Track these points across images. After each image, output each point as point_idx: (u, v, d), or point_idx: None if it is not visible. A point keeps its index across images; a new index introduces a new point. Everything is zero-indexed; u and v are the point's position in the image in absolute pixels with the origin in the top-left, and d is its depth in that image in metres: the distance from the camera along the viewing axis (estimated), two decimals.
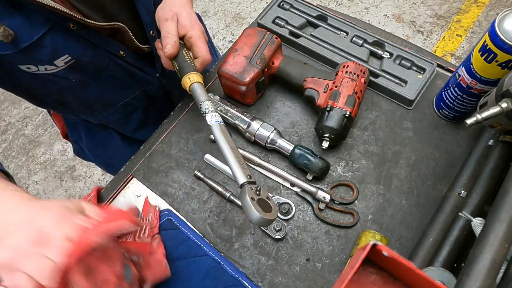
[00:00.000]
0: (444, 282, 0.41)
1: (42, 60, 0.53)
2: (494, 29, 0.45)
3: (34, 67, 0.54)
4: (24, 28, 0.49)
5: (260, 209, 0.41)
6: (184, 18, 0.58)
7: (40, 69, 0.55)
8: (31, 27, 0.49)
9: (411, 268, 0.21)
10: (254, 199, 0.42)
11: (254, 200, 0.42)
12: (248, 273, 0.54)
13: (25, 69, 0.54)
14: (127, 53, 0.63)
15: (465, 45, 1.88)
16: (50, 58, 0.54)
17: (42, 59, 0.53)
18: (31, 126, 1.99)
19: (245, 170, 0.45)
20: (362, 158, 0.61)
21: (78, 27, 0.53)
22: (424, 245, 0.49)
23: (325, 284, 0.53)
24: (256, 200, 0.42)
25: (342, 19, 0.72)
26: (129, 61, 0.65)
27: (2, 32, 0.46)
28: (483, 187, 0.48)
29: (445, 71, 0.68)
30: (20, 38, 0.49)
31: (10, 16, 0.47)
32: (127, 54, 0.63)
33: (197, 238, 0.56)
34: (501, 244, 0.34)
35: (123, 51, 0.63)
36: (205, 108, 0.51)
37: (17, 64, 0.53)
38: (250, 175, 0.45)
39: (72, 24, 0.52)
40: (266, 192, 0.46)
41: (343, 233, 0.56)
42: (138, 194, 0.61)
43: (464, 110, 0.58)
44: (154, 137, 0.66)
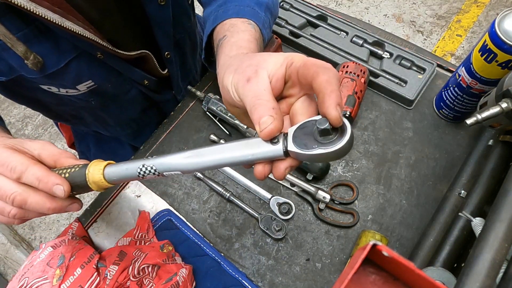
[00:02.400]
0: (444, 282, 0.41)
1: (65, 85, 0.53)
2: (494, 29, 0.45)
3: (55, 88, 0.53)
4: (52, 55, 0.48)
5: (333, 138, 0.30)
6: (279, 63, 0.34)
7: (61, 91, 0.54)
8: (59, 54, 0.48)
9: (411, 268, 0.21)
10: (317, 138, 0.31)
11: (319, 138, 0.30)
12: (248, 273, 0.54)
13: (46, 88, 0.53)
14: (150, 81, 0.63)
15: (465, 45, 1.88)
16: (73, 83, 0.53)
17: (65, 83, 0.53)
18: (31, 126, 1.99)
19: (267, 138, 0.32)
20: (362, 158, 0.61)
21: (105, 56, 0.52)
22: (424, 245, 0.49)
23: (325, 284, 0.53)
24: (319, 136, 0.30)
25: (342, 19, 0.72)
26: (150, 88, 0.65)
27: (33, 60, 0.45)
28: (483, 187, 0.48)
29: (445, 71, 0.68)
30: (48, 65, 0.48)
31: (39, 43, 0.46)
32: (150, 82, 0.63)
33: (197, 238, 0.56)
34: (501, 244, 0.34)
35: (147, 80, 0.62)
36: (149, 169, 0.36)
37: (38, 84, 0.52)
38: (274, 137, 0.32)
39: (99, 54, 0.51)
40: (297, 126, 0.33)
41: (343, 233, 0.56)
42: (138, 194, 0.61)
43: (464, 110, 0.58)
44: (154, 137, 0.66)
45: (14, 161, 0.37)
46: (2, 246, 1.60)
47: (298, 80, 0.33)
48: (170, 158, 0.35)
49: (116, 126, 0.72)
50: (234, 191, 0.60)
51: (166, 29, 0.59)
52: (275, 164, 0.33)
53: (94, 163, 0.39)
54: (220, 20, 0.48)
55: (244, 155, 0.33)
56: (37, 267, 0.47)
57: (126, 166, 0.37)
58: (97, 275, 0.48)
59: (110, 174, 0.38)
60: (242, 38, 0.44)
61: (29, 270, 0.47)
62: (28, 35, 0.44)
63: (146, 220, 0.57)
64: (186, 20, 0.65)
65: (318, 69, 0.30)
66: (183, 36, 0.67)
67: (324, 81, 0.29)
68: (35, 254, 0.50)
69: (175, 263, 0.51)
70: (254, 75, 0.33)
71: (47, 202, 0.39)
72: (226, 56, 0.41)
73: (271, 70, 0.33)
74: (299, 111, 0.33)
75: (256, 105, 0.32)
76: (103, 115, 0.66)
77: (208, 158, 0.34)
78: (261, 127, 0.31)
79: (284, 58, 0.34)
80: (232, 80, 0.35)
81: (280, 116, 0.32)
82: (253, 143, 0.33)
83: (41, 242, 1.70)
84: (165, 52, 0.62)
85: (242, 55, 0.39)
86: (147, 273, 0.50)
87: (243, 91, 0.34)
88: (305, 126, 0.32)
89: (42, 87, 0.53)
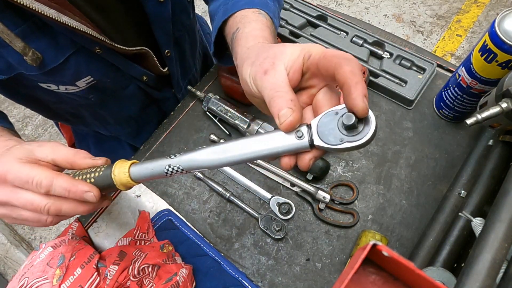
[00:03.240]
0: (444, 282, 0.41)
1: (64, 81, 0.53)
2: (494, 29, 0.45)
3: (54, 86, 0.53)
4: (51, 51, 0.48)
5: (359, 128, 0.30)
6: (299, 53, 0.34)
7: (60, 88, 0.54)
8: (57, 49, 0.48)
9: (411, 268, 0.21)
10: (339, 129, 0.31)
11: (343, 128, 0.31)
12: (248, 273, 0.54)
13: (45, 87, 0.53)
14: (149, 78, 0.63)
15: (465, 45, 1.88)
16: (72, 79, 0.53)
17: (65, 80, 0.52)
18: (31, 126, 1.99)
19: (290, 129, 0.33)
20: (362, 158, 0.61)
21: (104, 51, 0.52)
22: (424, 245, 0.49)
23: (325, 284, 0.53)
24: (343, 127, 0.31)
25: (342, 19, 0.72)
26: (150, 84, 0.65)
27: (31, 56, 0.45)
28: (483, 187, 0.48)
29: (445, 71, 0.68)
30: (46, 61, 0.48)
31: (37, 39, 0.46)
32: (149, 78, 0.63)
33: (197, 238, 0.56)
34: (501, 244, 0.34)
35: (146, 76, 0.62)
36: (175, 168, 0.36)
37: (37, 82, 0.52)
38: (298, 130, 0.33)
39: (97, 49, 0.51)
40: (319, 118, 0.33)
41: (343, 233, 0.56)
42: (138, 194, 0.61)
43: (464, 110, 0.58)
44: (154, 137, 0.66)
45: (38, 176, 0.37)
46: (2, 246, 1.60)
47: (318, 71, 0.33)
48: (196, 155, 0.35)
49: (115, 125, 0.72)
50: (234, 191, 0.60)
51: (166, 26, 0.59)
52: (301, 156, 0.33)
53: (118, 165, 0.39)
54: (230, 13, 0.48)
55: (270, 149, 0.33)
56: (37, 267, 0.47)
57: (152, 165, 0.37)
58: (97, 275, 0.48)
59: (136, 174, 0.38)
60: (255, 27, 0.44)
61: (29, 270, 0.47)
62: (26, 31, 0.44)
63: (146, 220, 0.57)
64: (185, 18, 0.65)
65: (340, 60, 0.30)
66: (183, 34, 0.67)
67: (348, 72, 0.29)
68: (35, 254, 0.50)
69: (175, 263, 0.51)
70: (271, 68, 0.34)
71: (79, 206, 0.39)
72: (243, 48, 0.41)
73: (287, 62, 0.33)
74: (322, 102, 0.33)
75: (275, 98, 0.32)
76: (102, 113, 0.66)
77: (233, 154, 0.34)
78: (280, 119, 0.32)
79: (301, 50, 0.33)
80: (250, 73, 0.36)
81: (298, 107, 0.32)
82: (278, 136, 0.33)
83: (41, 242, 1.70)
84: (165, 50, 0.62)
85: (259, 46, 0.39)
86: (147, 273, 0.50)
87: (261, 84, 0.34)
88: (328, 117, 0.32)
89: (42, 85, 0.52)
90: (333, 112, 0.32)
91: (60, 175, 0.38)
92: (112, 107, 0.65)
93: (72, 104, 0.60)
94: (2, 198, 0.38)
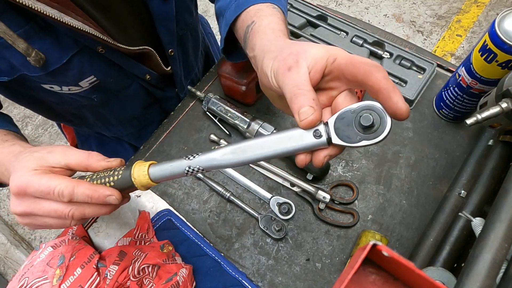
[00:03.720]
0: (444, 282, 0.41)
1: (68, 82, 0.53)
2: (494, 29, 0.45)
3: (57, 87, 0.53)
4: (54, 51, 0.47)
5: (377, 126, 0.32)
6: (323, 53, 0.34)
7: (63, 89, 0.54)
8: (60, 50, 0.48)
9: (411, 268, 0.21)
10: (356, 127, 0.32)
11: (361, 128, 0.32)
12: (248, 273, 0.54)
13: (48, 88, 0.53)
14: (152, 76, 0.63)
15: (465, 45, 1.88)
16: (75, 80, 0.53)
17: (68, 80, 0.52)
18: (31, 126, 1.99)
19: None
20: (362, 158, 0.61)
21: (106, 51, 0.52)
22: (424, 245, 0.49)
23: (325, 284, 0.53)
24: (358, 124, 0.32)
25: (342, 19, 0.72)
26: (152, 83, 0.65)
27: (34, 56, 0.45)
28: (483, 187, 0.48)
29: (445, 71, 0.68)
30: (49, 61, 0.48)
31: (40, 39, 0.46)
32: (152, 77, 0.63)
33: (197, 238, 0.56)
34: (501, 244, 0.34)
35: (148, 75, 0.62)
36: (196, 168, 0.37)
37: (40, 83, 0.52)
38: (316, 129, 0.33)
39: (101, 48, 0.51)
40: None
41: (343, 233, 0.56)
42: (138, 194, 0.61)
43: (464, 110, 0.58)
44: (154, 137, 0.66)
45: (58, 186, 0.37)
46: (2, 246, 1.60)
47: (342, 75, 0.33)
48: (215, 154, 0.36)
49: (118, 125, 0.72)
50: (234, 191, 0.60)
51: (169, 25, 0.59)
52: (316, 153, 0.34)
53: (137, 166, 0.39)
54: (244, 7, 0.47)
55: (288, 147, 0.34)
56: (37, 267, 0.47)
57: (171, 166, 0.38)
58: (97, 275, 0.48)
59: (155, 175, 0.39)
60: (272, 21, 0.44)
61: (29, 270, 0.47)
62: (29, 32, 0.44)
63: (146, 220, 0.57)
64: (188, 16, 0.65)
65: (370, 67, 0.31)
66: (186, 33, 0.67)
67: (382, 79, 0.30)
68: (35, 254, 0.50)
69: (175, 263, 0.51)
70: (295, 65, 0.34)
71: (102, 209, 0.40)
72: (262, 40, 0.41)
73: (310, 61, 0.34)
74: (342, 105, 0.34)
75: (297, 95, 0.33)
76: (105, 113, 0.66)
77: (252, 153, 0.35)
78: (300, 117, 0.32)
79: (325, 52, 0.34)
80: (272, 67, 0.36)
81: (319, 107, 0.33)
82: (296, 135, 0.34)
83: (41, 242, 1.70)
84: (168, 49, 0.62)
85: (282, 41, 0.39)
86: (147, 273, 0.50)
87: (283, 79, 0.34)
88: (344, 116, 0.33)
89: (44, 87, 0.52)
90: (349, 110, 0.32)
91: (80, 182, 0.38)
92: (114, 107, 0.65)
93: (74, 105, 0.60)
94: (25, 210, 0.39)
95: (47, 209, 0.38)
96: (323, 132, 0.33)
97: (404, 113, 0.30)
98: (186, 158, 0.37)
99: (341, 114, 0.33)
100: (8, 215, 1.77)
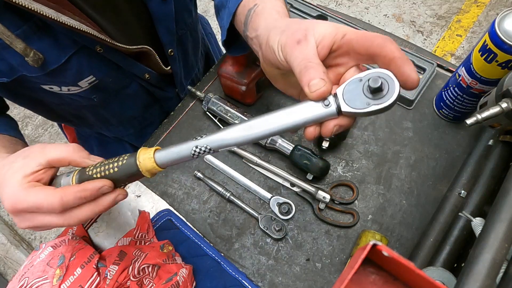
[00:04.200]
0: (444, 282, 0.41)
1: (67, 82, 0.53)
2: (494, 29, 0.45)
3: (57, 88, 0.53)
4: (52, 51, 0.47)
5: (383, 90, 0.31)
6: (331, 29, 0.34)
7: (63, 89, 0.54)
8: (59, 49, 0.48)
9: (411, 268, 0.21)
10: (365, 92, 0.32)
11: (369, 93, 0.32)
12: (248, 273, 0.54)
13: (48, 88, 0.53)
14: (151, 76, 0.63)
15: (465, 45, 1.88)
16: (74, 80, 0.53)
17: (67, 80, 0.52)
18: (31, 126, 1.99)
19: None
20: (362, 158, 0.61)
21: (105, 50, 0.52)
22: (424, 245, 0.49)
23: (325, 284, 0.53)
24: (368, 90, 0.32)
25: (342, 19, 0.72)
26: (152, 83, 0.65)
27: (33, 57, 0.45)
28: (483, 187, 0.48)
29: (445, 71, 0.68)
30: (48, 61, 0.48)
31: (39, 39, 0.46)
32: (151, 76, 0.63)
33: (197, 238, 0.56)
34: (501, 244, 0.34)
35: (148, 74, 0.62)
36: (203, 149, 0.37)
37: (39, 84, 0.52)
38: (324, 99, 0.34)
39: (99, 48, 0.51)
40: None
41: (343, 233, 0.56)
42: (138, 194, 0.61)
43: (464, 110, 0.58)
44: (154, 137, 0.66)
45: (46, 201, 0.37)
46: (2, 246, 1.60)
47: (352, 50, 0.33)
48: (224, 134, 0.35)
49: (118, 125, 0.72)
50: (234, 191, 0.60)
51: (169, 25, 0.59)
52: (325, 123, 0.34)
53: (142, 152, 0.39)
54: None
55: (297, 120, 0.34)
56: (37, 267, 0.47)
57: (177, 149, 0.37)
58: (97, 275, 0.48)
59: (162, 159, 0.38)
60: (276, 4, 0.44)
61: (29, 270, 0.47)
62: (27, 32, 0.44)
63: (146, 220, 0.57)
64: (187, 16, 0.65)
65: (383, 40, 0.31)
66: (185, 33, 0.67)
67: (396, 50, 0.31)
68: (35, 254, 0.50)
69: (175, 263, 0.51)
70: (304, 39, 0.34)
71: (95, 208, 0.40)
72: (267, 20, 0.41)
73: (318, 36, 0.34)
74: None
75: (308, 67, 0.33)
76: (105, 113, 0.66)
77: (262, 129, 0.35)
78: (311, 88, 0.32)
79: (334, 28, 0.34)
80: (280, 41, 0.35)
81: (330, 80, 0.33)
82: (306, 107, 0.34)
83: (41, 242, 1.70)
84: (168, 49, 0.62)
85: (288, 19, 0.39)
86: (147, 273, 0.50)
87: (292, 52, 0.34)
88: (352, 85, 0.33)
89: (44, 87, 0.52)
90: (357, 79, 0.33)
91: (66, 189, 0.38)
92: (114, 108, 0.65)
93: (74, 105, 0.60)
94: (29, 225, 0.40)
95: (44, 222, 0.39)
96: (332, 102, 0.33)
97: (415, 82, 0.30)
98: (193, 139, 0.37)
99: (349, 83, 0.33)
100: (8, 215, 1.77)
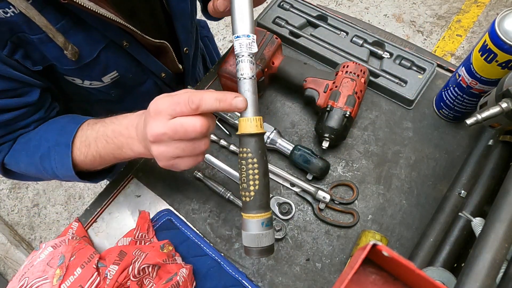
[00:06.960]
0: (444, 282, 0.41)
1: (93, 76, 0.54)
2: (494, 29, 0.45)
3: (79, 80, 0.54)
4: (86, 45, 0.49)
5: None
6: None
7: (85, 83, 0.55)
8: (91, 44, 0.50)
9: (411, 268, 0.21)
10: None
11: None
12: (248, 273, 0.54)
13: (70, 80, 0.54)
14: (167, 75, 0.65)
15: (465, 45, 1.88)
16: (100, 74, 0.54)
17: (93, 75, 0.54)
18: None
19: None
20: (362, 158, 0.61)
21: (130, 45, 0.54)
22: (424, 245, 0.49)
23: (325, 284, 0.53)
24: None
25: (342, 19, 0.72)
26: (166, 81, 0.67)
27: (71, 50, 0.47)
28: (483, 187, 0.48)
29: (445, 71, 0.68)
30: (83, 55, 0.49)
31: (75, 34, 0.47)
32: (167, 75, 0.65)
33: (197, 238, 0.56)
34: (501, 244, 0.34)
35: (164, 73, 0.64)
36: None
37: (64, 75, 0.53)
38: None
39: (125, 43, 0.53)
40: None
41: (343, 233, 0.56)
42: (138, 194, 0.61)
43: (464, 110, 0.58)
44: None
45: (185, 96, 0.39)
46: (2, 246, 1.60)
47: None
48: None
49: None
50: (234, 191, 0.60)
51: (186, 22, 0.61)
52: None
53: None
54: None
55: None
56: (37, 267, 0.47)
57: None
58: (97, 275, 0.48)
59: None
60: None
61: (29, 270, 0.47)
62: (65, 26, 0.46)
63: (146, 220, 0.57)
64: (195, 14, 0.68)
65: None
66: (192, 31, 0.69)
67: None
68: (35, 254, 0.50)
69: (175, 263, 0.51)
70: None
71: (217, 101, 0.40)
72: None
73: None
74: None
75: None
76: (116, 109, 0.67)
77: None
78: None
79: None
80: None
81: None
82: None
83: (41, 242, 1.70)
84: (184, 47, 0.64)
85: None
86: (147, 273, 0.50)
87: None
88: None
89: (66, 78, 0.54)
90: None
91: (207, 91, 0.40)
92: (127, 104, 0.66)
93: (88, 98, 0.62)
94: (160, 130, 0.40)
95: (178, 123, 0.39)
96: None
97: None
98: None
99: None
100: (8, 215, 1.77)
